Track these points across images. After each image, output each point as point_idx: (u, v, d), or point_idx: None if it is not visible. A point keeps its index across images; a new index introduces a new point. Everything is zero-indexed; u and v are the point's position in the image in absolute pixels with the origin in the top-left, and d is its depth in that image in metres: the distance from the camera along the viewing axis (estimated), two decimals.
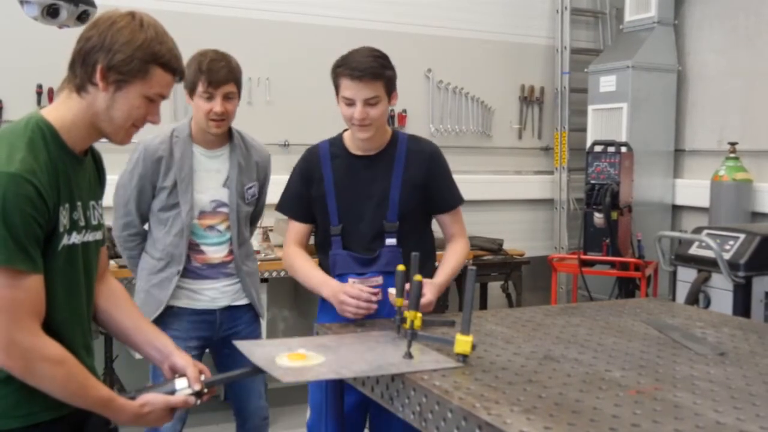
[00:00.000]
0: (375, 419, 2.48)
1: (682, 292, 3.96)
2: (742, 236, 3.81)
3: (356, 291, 2.26)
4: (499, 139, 5.61)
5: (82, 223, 1.62)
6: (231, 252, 2.79)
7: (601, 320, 2.42)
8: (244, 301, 2.84)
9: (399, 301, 2.08)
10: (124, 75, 1.55)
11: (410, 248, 2.38)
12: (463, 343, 1.88)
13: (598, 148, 4.91)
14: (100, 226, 1.71)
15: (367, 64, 2.32)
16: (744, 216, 4.74)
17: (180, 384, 1.70)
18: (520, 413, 1.55)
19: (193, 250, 2.74)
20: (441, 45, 5.28)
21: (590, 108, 5.40)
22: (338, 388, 2.18)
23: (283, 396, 4.44)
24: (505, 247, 4.92)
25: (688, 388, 1.73)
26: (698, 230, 4.08)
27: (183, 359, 1.75)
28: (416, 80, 5.21)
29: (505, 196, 5.52)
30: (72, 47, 1.60)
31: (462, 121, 5.43)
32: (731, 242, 3.81)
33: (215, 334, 2.81)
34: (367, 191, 2.46)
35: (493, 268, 4.84)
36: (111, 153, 1.93)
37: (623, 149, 4.87)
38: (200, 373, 1.74)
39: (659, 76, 5.30)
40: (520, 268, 4.95)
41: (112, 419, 1.62)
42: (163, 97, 1.62)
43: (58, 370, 1.50)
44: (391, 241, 2.43)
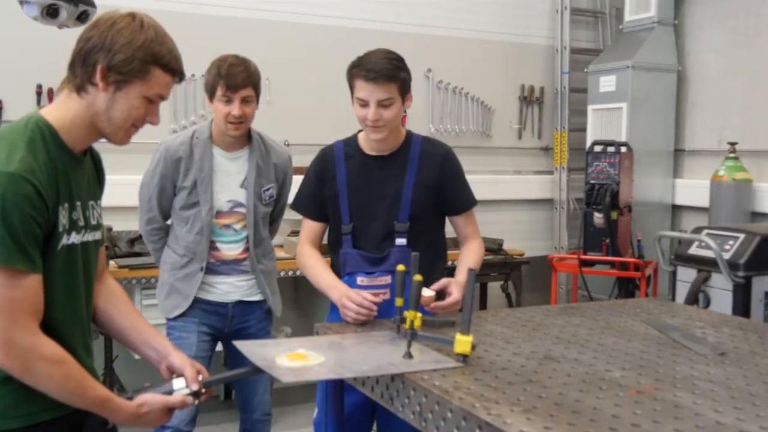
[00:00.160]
0: (382, 418, 2.48)
1: (682, 292, 3.96)
2: (742, 236, 3.81)
3: (359, 298, 2.28)
4: (499, 139, 5.61)
5: (81, 223, 1.62)
6: (246, 250, 2.88)
7: (601, 320, 2.42)
8: (258, 298, 2.93)
9: (399, 301, 2.08)
10: (124, 75, 1.55)
11: (420, 249, 2.41)
12: (463, 343, 1.88)
13: (597, 148, 4.91)
14: (99, 226, 1.71)
15: (382, 65, 2.34)
16: (744, 216, 4.74)
17: (178, 384, 1.70)
18: (520, 413, 1.54)
19: (210, 246, 2.84)
20: (441, 45, 5.28)
21: (590, 108, 5.40)
22: (338, 388, 2.18)
23: (284, 396, 4.45)
24: (505, 247, 4.92)
25: (688, 388, 1.73)
26: (698, 230, 4.08)
27: (180, 359, 1.75)
28: (416, 80, 5.11)
29: (505, 196, 5.51)
30: (72, 47, 1.60)
31: (462, 121, 5.43)
32: (731, 242, 3.81)
33: (226, 326, 2.90)
34: (380, 191, 2.48)
35: (493, 268, 4.84)
36: (110, 153, 1.93)
37: (623, 149, 4.87)
38: (198, 373, 1.74)
39: (659, 76, 5.30)
40: (519, 268, 4.95)
41: (109, 419, 1.62)
42: (162, 97, 1.63)
43: (56, 370, 1.50)
44: (401, 241, 2.46)
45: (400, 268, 2.10)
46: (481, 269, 4.77)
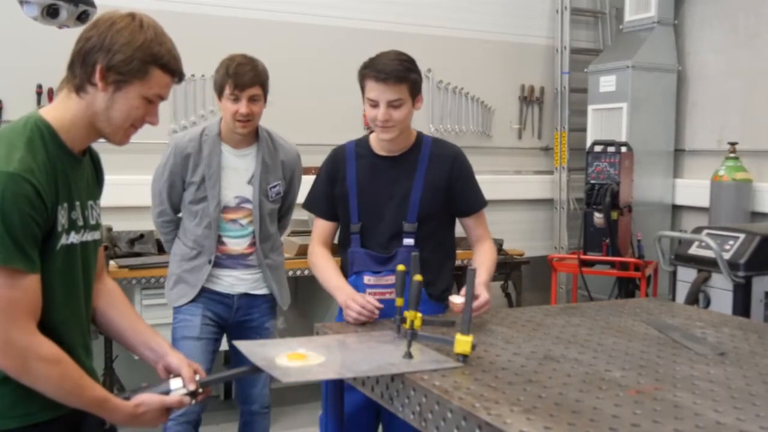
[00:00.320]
0: (386, 418, 2.49)
1: (682, 292, 3.96)
2: (742, 236, 3.81)
3: (363, 300, 2.30)
4: (499, 139, 5.61)
5: (80, 223, 1.62)
6: (253, 245, 2.94)
7: (601, 320, 2.42)
8: (263, 291, 2.99)
9: (399, 301, 2.08)
10: (124, 75, 1.55)
11: (429, 249, 2.45)
12: (463, 343, 1.88)
13: (598, 148, 4.91)
14: (98, 226, 1.71)
15: (392, 66, 2.37)
16: (744, 216, 4.74)
17: (175, 384, 1.70)
18: (520, 413, 1.54)
19: (216, 240, 2.91)
20: (441, 45, 5.27)
21: (590, 108, 5.40)
22: (338, 388, 2.18)
23: (284, 396, 4.44)
24: (505, 247, 4.92)
25: (688, 388, 1.73)
26: (698, 230, 4.08)
27: (178, 359, 1.75)
28: None
29: (505, 196, 5.51)
30: (72, 47, 1.60)
31: (462, 121, 5.43)
32: (731, 242, 3.81)
33: (231, 317, 2.97)
34: (389, 191, 2.50)
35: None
36: (110, 153, 1.93)
37: (623, 149, 4.87)
38: (195, 373, 1.74)
39: (659, 76, 5.30)
40: (519, 268, 4.95)
41: (107, 419, 1.62)
42: (161, 98, 1.62)
43: (53, 370, 1.50)
44: (408, 242, 2.47)
45: (400, 268, 2.10)
46: None
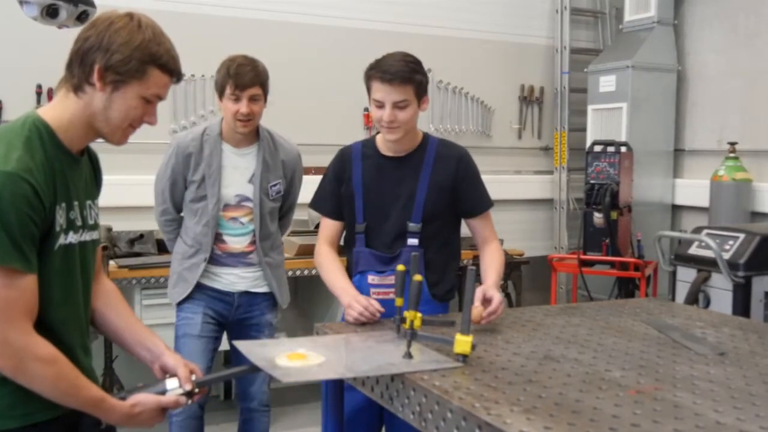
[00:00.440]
0: (389, 417, 2.48)
1: (682, 292, 3.96)
2: (742, 236, 3.81)
3: (366, 303, 2.31)
4: (499, 139, 5.61)
5: (78, 223, 1.62)
6: (253, 243, 2.97)
7: (601, 320, 2.42)
8: (264, 289, 3.02)
9: (399, 301, 2.08)
10: (122, 75, 1.55)
11: (433, 250, 2.46)
12: (462, 343, 1.88)
13: (597, 148, 4.91)
14: (96, 226, 1.71)
15: (398, 68, 2.38)
16: (744, 216, 4.74)
17: (171, 384, 1.70)
18: (520, 413, 1.54)
19: (217, 239, 2.95)
20: (441, 45, 5.27)
21: (590, 108, 5.40)
22: (338, 388, 2.18)
23: (284, 396, 4.44)
24: (505, 247, 4.89)
25: (688, 388, 1.73)
26: (698, 230, 4.08)
27: (174, 359, 1.75)
28: None
29: (505, 196, 5.48)
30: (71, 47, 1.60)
31: (462, 121, 5.43)
32: (731, 242, 3.81)
33: (231, 314, 3.00)
34: (394, 192, 2.51)
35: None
36: (110, 153, 1.93)
37: (623, 149, 4.87)
38: (191, 372, 1.73)
39: (659, 76, 5.30)
40: (519, 268, 4.94)
41: (103, 419, 1.61)
42: (160, 98, 1.62)
43: (49, 370, 1.49)
44: (412, 242, 2.48)
45: (400, 268, 2.11)
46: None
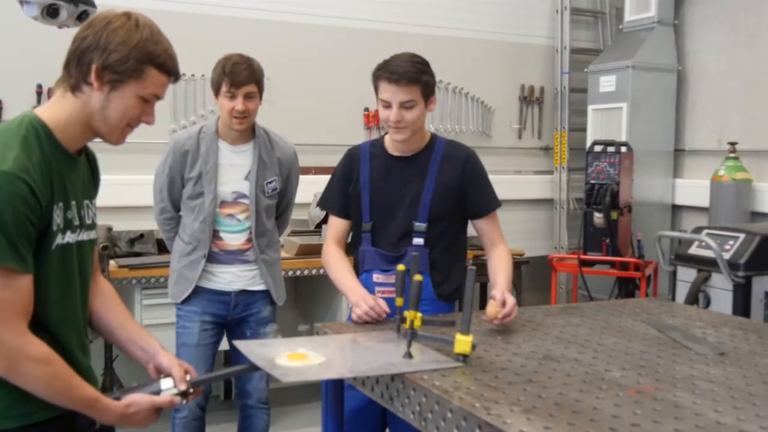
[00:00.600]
0: (393, 415, 2.48)
1: (682, 292, 3.96)
2: (742, 236, 3.81)
3: (373, 303, 2.32)
4: (499, 139, 5.61)
5: (76, 222, 1.61)
6: (249, 241, 3.00)
7: (601, 320, 2.42)
8: (261, 287, 3.04)
9: (399, 301, 2.08)
10: (119, 75, 1.54)
11: (438, 250, 2.48)
12: (463, 343, 1.87)
13: (597, 148, 4.91)
14: (93, 226, 1.70)
15: (405, 68, 2.40)
16: (744, 216, 4.74)
17: (165, 384, 1.70)
18: (520, 413, 1.54)
19: (214, 236, 2.98)
20: (441, 45, 5.26)
21: (590, 108, 5.40)
22: (338, 388, 2.18)
23: (284, 396, 4.45)
24: None
25: (688, 388, 1.73)
26: (698, 230, 4.07)
27: (168, 359, 1.74)
28: None
29: (505, 196, 5.44)
30: None
31: (462, 121, 5.43)
32: (731, 242, 3.81)
33: (229, 313, 3.02)
34: (401, 192, 2.52)
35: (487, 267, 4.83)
36: (110, 153, 1.93)
37: (623, 149, 4.87)
38: (186, 372, 1.73)
39: (659, 76, 5.30)
40: (519, 268, 4.94)
41: (97, 419, 1.61)
42: (158, 97, 1.62)
43: (43, 370, 1.49)
44: (418, 241, 2.49)
45: (400, 268, 2.11)
46: (481, 269, 4.77)
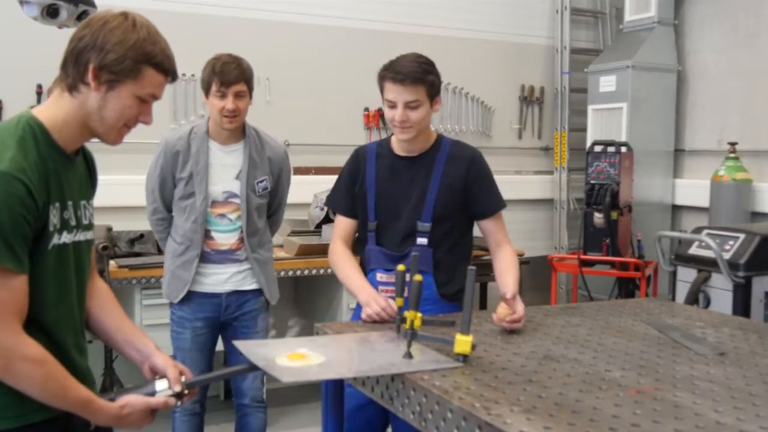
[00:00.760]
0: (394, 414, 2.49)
1: (682, 292, 3.96)
2: (742, 236, 3.81)
3: (384, 304, 2.32)
4: (499, 139, 5.61)
5: (73, 223, 1.61)
6: (241, 240, 3.01)
7: (601, 320, 2.42)
8: (253, 287, 3.05)
9: (399, 301, 2.08)
10: (116, 75, 1.54)
11: (443, 250, 2.49)
12: (463, 343, 1.88)
13: (598, 148, 4.91)
14: (91, 226, 1.70)
15: (410, 68, 2.41)
16: (744, 216, 4.74)
17: (160, 385, 1.69)
18: (520, 413, 1.54)
19: (205, 235, 2.99)
20: (441, 45, 5.25)
21: (590, 108, 5.40)
22: (338, 388, 2.18)
23: (284, 396, 4.44)
24: None
25: (688, 388, 1.73)
26: (698, 230, 4.07)
27: (163, 360, 1.74)
28: None
29: (505, 196, 5.45)
30: None
31: (462, 121, 5.43)
32: (731, 242, 3.81)
33: (221, 315, 3.03)
34: (406, 191, 2.53)
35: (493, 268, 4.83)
36: (110, 153, 1.93)
37: (623, 149, 4.87)
38: (180, 374, 1.73)
39: (659, 76, 5.30)
40: (520, 268, 4.93)
41: (91, 420, 1.61)
42: (155, 97, 1.62)
43: (38, 371, 1.48)
44: (422, 241, 2.50)
45: (400, 268, 2.11)
46: (481, 269, 4.78)
